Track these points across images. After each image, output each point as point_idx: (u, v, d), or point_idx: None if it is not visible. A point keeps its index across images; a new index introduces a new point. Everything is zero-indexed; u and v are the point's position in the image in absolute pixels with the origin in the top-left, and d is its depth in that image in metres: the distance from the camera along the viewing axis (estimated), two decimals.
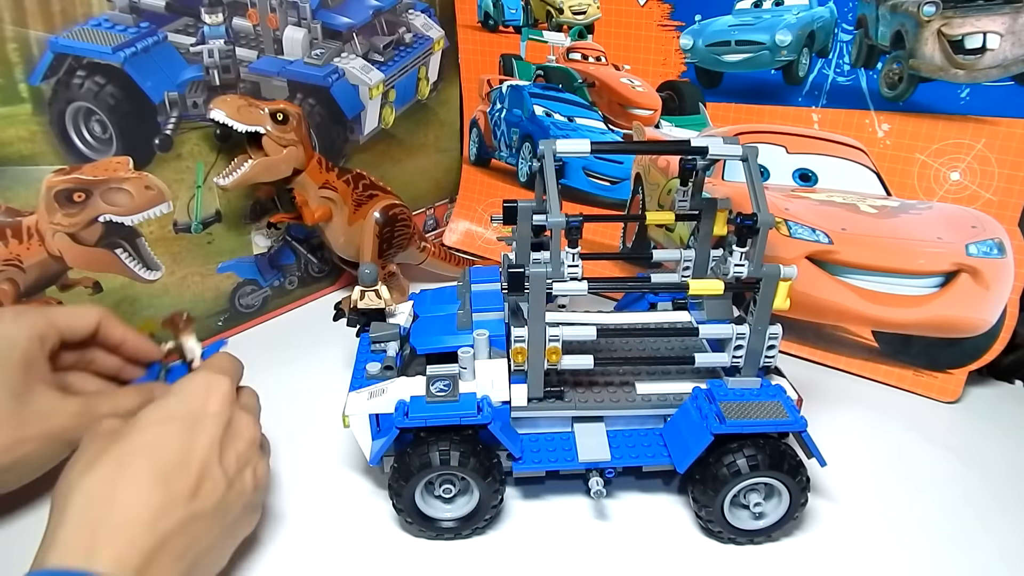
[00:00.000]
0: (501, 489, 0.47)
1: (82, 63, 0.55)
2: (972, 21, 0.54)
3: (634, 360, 0.52)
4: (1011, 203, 0.57)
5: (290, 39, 0.69)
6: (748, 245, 0.45)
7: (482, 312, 0.53)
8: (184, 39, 0.61)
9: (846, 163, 0.63)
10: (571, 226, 0.43)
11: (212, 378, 0.43)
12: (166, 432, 0.39)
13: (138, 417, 0.40)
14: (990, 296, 0.59)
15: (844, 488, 0.52)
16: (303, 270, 0.78)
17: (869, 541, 0.48)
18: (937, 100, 0.57)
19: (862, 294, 0.63)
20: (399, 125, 0.82)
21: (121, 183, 0.59)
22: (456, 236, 0.91)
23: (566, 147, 0.46)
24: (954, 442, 0.57)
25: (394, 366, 0.51)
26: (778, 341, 0.47)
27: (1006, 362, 0.64)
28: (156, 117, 0.61)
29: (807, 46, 0.62)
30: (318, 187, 0.67)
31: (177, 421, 0.40)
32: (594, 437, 0.49)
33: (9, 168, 0.53)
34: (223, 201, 0.67)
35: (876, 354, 0.65)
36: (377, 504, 0.50)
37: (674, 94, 0.71)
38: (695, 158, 0.51)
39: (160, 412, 0.41)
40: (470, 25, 0.82)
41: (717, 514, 0.46)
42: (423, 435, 0.45)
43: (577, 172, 0.79)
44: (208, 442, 0.40)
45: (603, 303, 0.76)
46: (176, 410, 0.41)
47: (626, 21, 0.70)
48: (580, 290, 0.45)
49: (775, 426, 0.44)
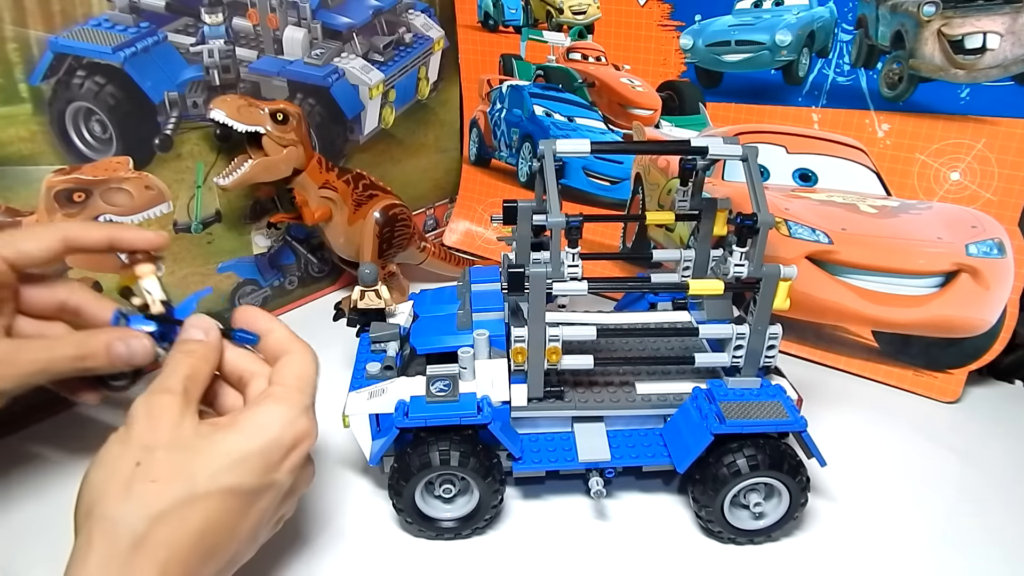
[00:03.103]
0: (501, 489, 0.47)
1: (82, 63, 0.55)
2: (972, 21, 0.54)
3: (634, 360, 0.52)
4: (1011, 203, 0.57)
5: (290, 39, 0.69)
6: (748, 245, 0.45)
7: (482, 312, 0.53)
8: (184, 39, 0.61)
9: (846, 163, 0.63)
10: (571, 226, 0.43)
11: (297, 421, 0.38)
12: (223, 508, 0.34)
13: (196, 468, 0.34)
14: (990, 296, 0.59)
15: (844, 488, 0.52)
16: (303, 270, 0.78)
17: (869, 541, 0.48)
18: (937, 100, 0.57)
19: (862, 294, 0.63)
20: (399, 125, 0.82)
21: (121, 183, 0.59)
22: (456, 236, 0.91)
23: (566, 147, 0.46)
24: (954, 442, 0.57)
25: (394, 366, 0.51)
26: (778, 341, 0.47)
27: (1006, 362, 0.64)
28: (156, 117, 0.61)
29: (807, 46, 0.62)
30: (318, 187, 0.67)
31: (239, 497, 0.35)
32: (594, 437, 0.49)
33: (9, 168, 0.53)
34: (223, 201, 0.67)
35: (876, 354, 0.65)
36: (377, 504, 0.50)
37: (674, 94, 0.71)
38: (695, 158, 0.51)
39: (226, 475, 0.34)
40: (470, 25, 0.82)
41: (717, 514, 0.46)
42: (423, 435, 0.45)
43: (577, 172, 0.79)
44: (264, 510, 0.36)
45: (603, 303, 0.76)
46: (245, 478, 0.35)
47: (626, 21, 0.70)
48: (580, 290, 0.45)
49: (775, 426, 0.44)
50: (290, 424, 0.37)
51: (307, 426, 0.39)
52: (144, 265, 0.44)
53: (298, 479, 0.39)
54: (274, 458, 0.37)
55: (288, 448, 0.37)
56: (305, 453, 0.39)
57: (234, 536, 0.35)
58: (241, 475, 0.35)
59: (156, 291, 0.43)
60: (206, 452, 0.35)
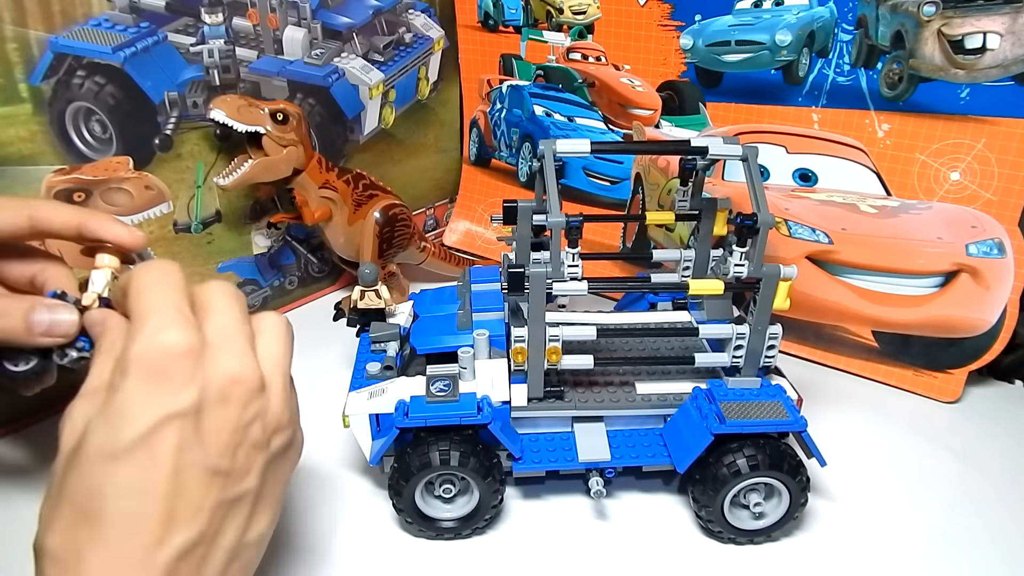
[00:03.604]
0: (501, 489, 0.47)
1: (82, 63, 0.55)
2: (972, 21, 0.54)
3: (634, 360, 0.52)
4: (1011, 203, 0.57)
5: (290, 39, 0.69)
6: (748, 245, 0.45)
7: (482, 312, 0.53)
8: (184, 39, 0.61)
9: (846, 163, 0.63)
10: (571, 226, 0.43)
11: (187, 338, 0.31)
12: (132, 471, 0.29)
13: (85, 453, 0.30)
14: (990, 296, 0.59)
15: (844, 488, 0.52)
16: (303, 270, 0.78)
17: (869, 541, 0.48)
18: (937, 100, 0.57)
19: (862, 294, 0.63)
20: (399, 125, 0.82)
21: (121, 183, 0.59)
22: (456, 236, 0.91)
23: (566, 147, 0.46)
24: (954, 442, 0.57)
25: (394, 366, 0.51)
26: (778, 341, 0.47)
27: (1006, 362, 0.64)
28: (156, 117, 0.61)
29: (807, 46, 0.62)
30: (318, 187, 0.67)
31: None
32: (594, 437, 0.49)
33: (9, 168, 0.53)
34: (223, 201, 0.67)
35: (876, 354, 0.65)
36: (377, 504, 0.50)
37: (674, 94, 0.71)
38: (695, 158, 0.51)
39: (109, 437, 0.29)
40: (470, 25, 0.82)
41: (717, 514, 0.46)
42: (423, 435, 0.45)
43: (577, 172, 0.79)
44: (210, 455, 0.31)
45: (603, 303, 0.76)
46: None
47: (626, 21, 0.70)
48: (580, 290, 0.45)
49: (775, 426, 0.44)
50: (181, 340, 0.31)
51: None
52: (106, 256, 0.40)
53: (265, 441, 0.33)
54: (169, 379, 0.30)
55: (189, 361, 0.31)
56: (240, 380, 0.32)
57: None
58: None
59: (99, 284, 0.38)
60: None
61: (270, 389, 0.34)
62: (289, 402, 0.36)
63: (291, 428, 0.35)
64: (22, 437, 0.56)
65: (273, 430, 0.34)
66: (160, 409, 0.30)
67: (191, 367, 0.31)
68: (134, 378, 0.30)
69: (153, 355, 0.30)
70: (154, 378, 0.30)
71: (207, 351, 0.32)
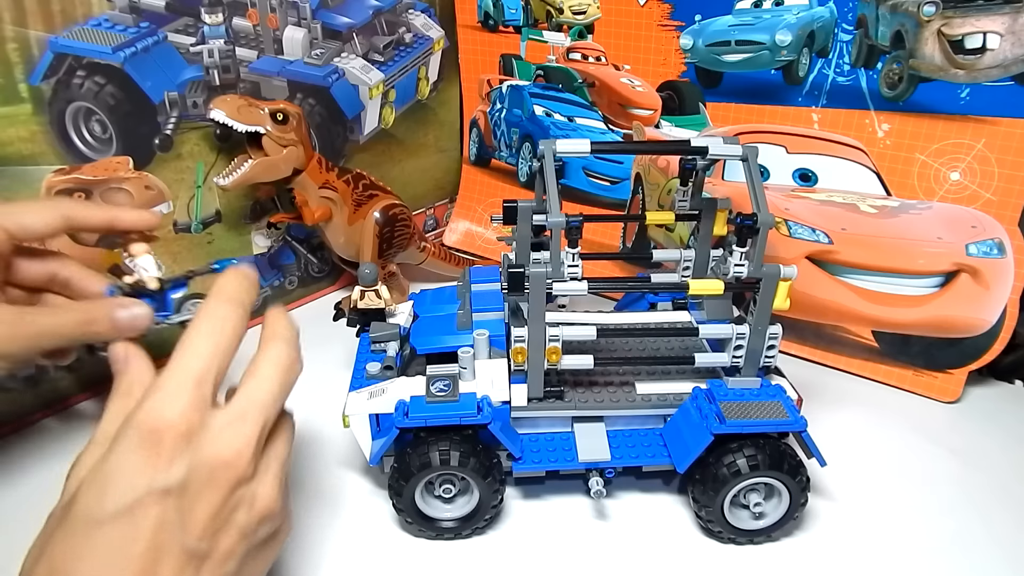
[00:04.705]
0: (501, 489, 0.47)
1: (82, 63, 0.55)
2: (972, 21, 0.54)
3: (634, 360, 0.52)
4: (1011, 203, 0.57)
5: (290, 39, 0.69)
6: (748, 245, 0.45)
7: (482, 312, 0.53)
8: (184, 39, 0.61)
9: (846, 163, 0.63)
10: (571, 226, 0.43)
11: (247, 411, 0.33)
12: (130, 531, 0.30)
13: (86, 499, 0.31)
14: (990, 296, 0.59)
15: (844, 488, 0.52)
16: (303, 270, 0.78)
17: (869, 541, 0.48)
18: (937, 100, 0.57)
19: (862, 294, 0.63)
20: (399, 125, 0.82)
21: (121, 183, 0.59)
22: (456, 236, 0.91)
23: (566, 147, 0.46)
24: (954, 442, 0.57)
25: (394, 366, 0.51)
26: (778, 341, 0.47)
27: (1006, 362, 0.64)
28: (156, 117, 0.61)
29: (807, 46, 0.62)
30: (318, 187, 0.67)
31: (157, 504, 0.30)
32: (594, 437, 0.49)
33: (9, 168, 0.53)
34: (223, 201, 0.67)
35: (876, 354, 0.65)
36: (377, 504, 0.50)
37: (674, 94, 0.71)
38: (695, 158, 0.51)
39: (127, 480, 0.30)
40: (470, 25, 0.82)
41: (717, 514, 0.46)
42: (423, 435, 0.45)
43: (577, 172, 0.79)
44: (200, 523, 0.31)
45: (603, 303, 0.76)
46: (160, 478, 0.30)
47: (626, 21, 0.70)
48: (580, 290, 0.45)
49: (775, 426, 0.44)
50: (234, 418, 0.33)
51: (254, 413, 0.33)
52: (139, 244, 0.45)
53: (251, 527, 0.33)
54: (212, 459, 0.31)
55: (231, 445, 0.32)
56: (247, 455, 0.32)
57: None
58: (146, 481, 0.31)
59: (152, 268, 0.44)
60: None
61: (264, 475, 0.34)
62: (283, 490, 0.35)
63: (281, 517, 0.35)
64: (22, 437, 0.56)
65: (261, 518, 0.34)
66: (146, 482, 0.30)
67: (184, 444, 0.31)
68: (129, 443, 0.31)
69: (152, 425, 0.31)
70: (147, 448, 0.31)
71: (206, 431, 0.32)
